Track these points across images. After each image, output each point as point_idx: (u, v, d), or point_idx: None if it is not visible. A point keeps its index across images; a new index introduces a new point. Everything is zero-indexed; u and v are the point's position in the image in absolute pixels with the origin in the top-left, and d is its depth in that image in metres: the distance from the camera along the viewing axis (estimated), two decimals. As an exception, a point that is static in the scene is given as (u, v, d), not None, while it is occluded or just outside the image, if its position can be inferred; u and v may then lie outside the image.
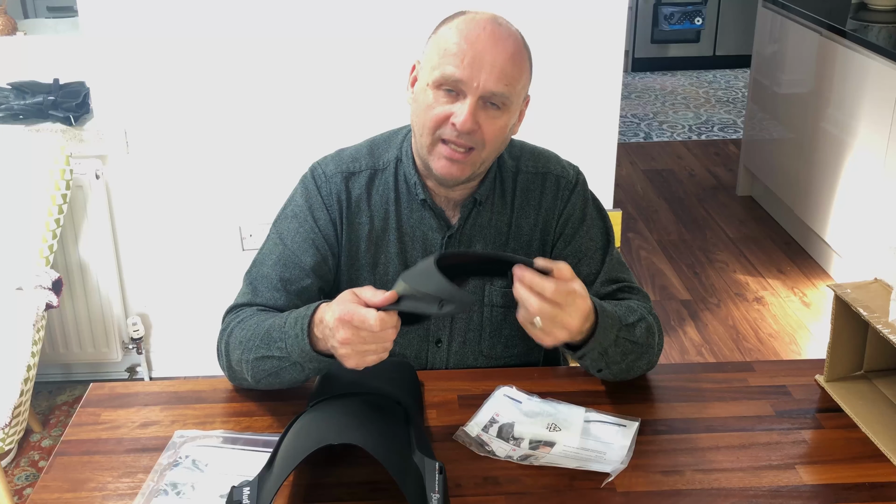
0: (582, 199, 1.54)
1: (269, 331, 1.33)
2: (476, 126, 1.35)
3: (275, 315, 1.38)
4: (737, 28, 6.34)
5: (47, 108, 2.63)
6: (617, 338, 1.36)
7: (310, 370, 1.31)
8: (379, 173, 1.51)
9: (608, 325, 1.32)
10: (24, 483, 2.49)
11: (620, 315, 1.38)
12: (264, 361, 1.34)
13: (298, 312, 1.30)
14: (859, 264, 3.35)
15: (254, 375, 1.38)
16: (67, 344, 2.83)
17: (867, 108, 3.25)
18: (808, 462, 1.31)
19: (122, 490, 1.25)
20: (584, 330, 1.28)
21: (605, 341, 1.33)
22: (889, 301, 1.35)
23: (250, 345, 1.35)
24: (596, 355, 1.36)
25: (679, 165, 4.85)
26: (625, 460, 1.29)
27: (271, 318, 1.36)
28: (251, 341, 1.35)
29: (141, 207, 2.77)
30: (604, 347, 1.34)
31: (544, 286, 1.19)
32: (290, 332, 1.28)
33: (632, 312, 1.43)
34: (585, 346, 1.32)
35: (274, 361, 1.33)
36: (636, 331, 1.41)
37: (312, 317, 1.26)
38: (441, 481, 1.15)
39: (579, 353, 1.34)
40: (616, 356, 1.39)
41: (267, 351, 1.32)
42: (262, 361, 1.34)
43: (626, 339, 1.38)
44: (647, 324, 1.44)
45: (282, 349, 1.30)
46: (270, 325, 1.34)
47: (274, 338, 1.31)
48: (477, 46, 1.34)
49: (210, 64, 2.61)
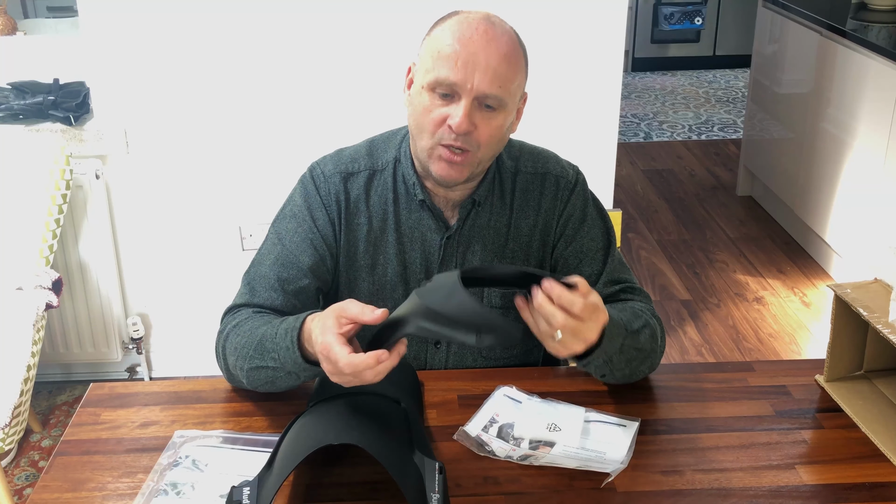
0: (582, 200, 1.54)
1: (262, 341, 1.32)
2: (472, 127, 1.35)
3: (268, 321, 1.37)
4: (737, 28, 6.34)
5: (47, 108, 2.63)
6: (622, 345, 1.36)
7: (305, 377, 1.32)
8: (378, 174, 1.51)
9: (614, 334, 1.32)
10: (24, 483, 2.49)
11: (626, 322, 1.38)
12: (259, 371, 1.34)
13: (288, 323, 1.29)
14: (859, 264, 3.35)
15: (251, 383, 1.39)
16: (67, 344, 2.83)
17: (867, 108, 3.25)
18: (808, 462, 1.31)
19: (122, 490, 1.25)
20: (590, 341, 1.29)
21: (611, 349, 1.33)
22: (889, 301, 1.35)
23: (245, 353, 1.35)
24: (601, 363, 1.35)
25: (679, 165, 4.85)
26: (625, 460, 1.29)
27: (264, 325, 1.36)
28: (245, 349, 1.35)
29: (141, 207, 2.77)
30: (609, 355, 1.34)
31: (574, 301, 1.18)
32: (282, 343, 1.28)
33: (637, 318, 1.43)
34: (591, 355, 1.32)
35: (269, 372, 1.33)
36: (641, 337, 1.41)
37: (301, 328, 1.26)
38: (441, 481, 1.15)
39: (584, 361, 1.34)
40: (620, 363, 1.38)
41: (261, 361, 1.32)
42: (257, 371, 1.35)
43: (631, 347, 1.38)
44: (651, 329, 1.44)
45: (276, 360, 1.30)
46: (263, 335, 1.33)
47: (267, 348, 1.31)
48: (470, 48, 1.33)
49: (210, 64, 2.61)
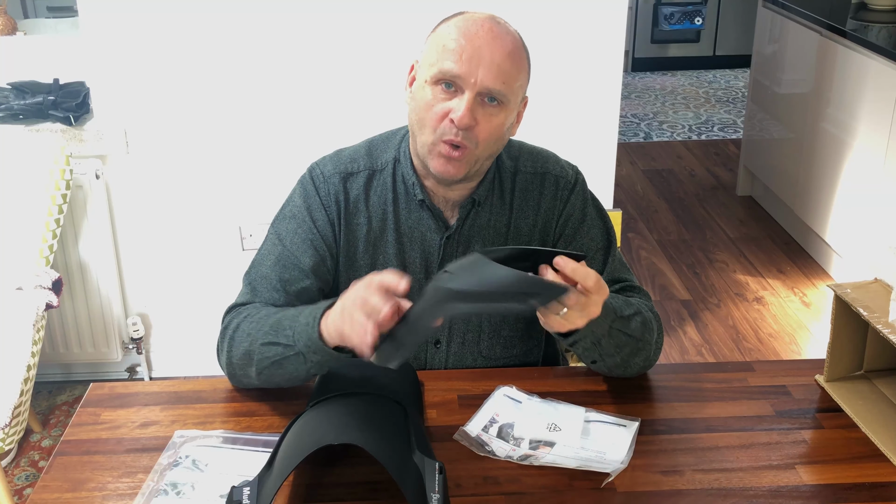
0: (581, 199, 1.54)
1: (281, 320, 1.35)
2: (473, 122, 1.35)
3: (284, 309, 1.40)
4: (737, 28, 6.34)
5: (47, 108, 2.63)
6: (611, 329, 1.36)
7: (312, 364, 1.31)
8: (377, 174, 1.51)
9: (603, 315, 1.31)
10: (24, 483, 2.49)
11: (616, 307, 1.39)
12: (270, 348, 1.35)
13: (315, 306, 1.31)
14: (859, 264, 3.35)
15: (259, 363, 1.38)
16: (67, 344, 2.83)
17: (867, 108, 3.25)
18: (808, 462, 1.31)
19: (122, 490, 1.25)
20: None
21: (599, 331, 1.34)
22: (889, 301, 1.35)
23: (259, 332, 1.37)
24: (588, 344, 1.36)
25: (679, 165, 4.85)
26: (625, 460, 1.29)
27: (286, 309, 1.39)
28: (260, 329, 1.37)
29: (141, 207, 2.77)
30: (597, 337, 1.35)
31: (588, 274, 1.21)
32: (302, 321, 1.30)
33: (629, 306, 1.44)
34: (577, 333, 1.33)
35: (279, 349, 1.34)
36: (631, 324, 1.41)
37: (327, 309, 1.27)
38: (441, 481, 1.15)
39: (570, 339, 1.35)
40: (610, 348, 1.39)
41: (274, 337, 1.34)
42: (267, 347, 1.36)
43: (621, 332, 1.39)
44: (644, 318, 1.44)
45: (289, 337, 1.31)
46: (283, 315, 1.36)
47: (284, 326, 1.34)
48: (475, 43, 1.34)
49: (210, 64, 2.61)
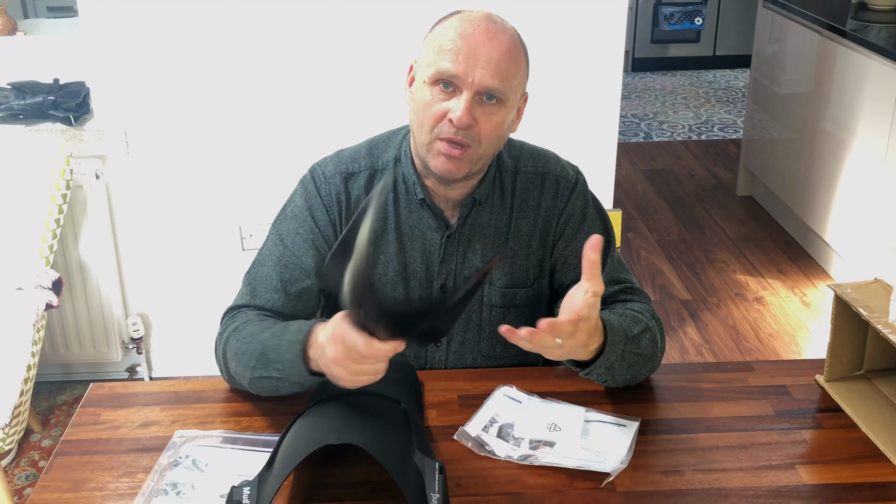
0: (582, 200, 1.54)
1: (265, 351, 1.32)
2: (473, 121, 1.35)
3: (268, 327, 1.36)
4: (737, 28, 6.34)
5: (47, 108, 2.62)
6: (623, 352, 1.37)
7: (309, 385, 1.32)
8: (378, 174, 1.51)
9: (615, 341, 1.33)
10: (24, 483, 2.49)
11: (626, 328, 1.39)
12: (263, 381, 1.34)
13: (293, 334, 1.28)
14: (859, 264, 3.35)
15: (254, 390, 1.38)
16: (67, 344, 2.82)
17: (867, 108, 3.25)
18: (808, 462, 1.31)
19: (122, 490, 1.25)
20: (591, 350, 1.30)
21: (612, 357, 1.34)
22: (889, 301, 1.35)
23: (247, 362, 1.34)
24: (602, 370, 1.36)
25: (679, 165, 4.85)
26: (625, 460, 1.29)
27: (264, 331, 1.35)
28: (247, 357, 1.34)
29: (141, 207, 2.77)
30: (610, 363, 1.35)
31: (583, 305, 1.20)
32: (286, 354, 1.27)
33: (637, 322, 1.43)
34: (593, 364, 1.34)
35: (273, 381, 1.33)
36: (641, 342, 1.41)
37: (307, 340, 1.25)
38: (441, 481, 1.15)
39: (587, 370, 1.36)
40: (622, 369, 1.39)
41: (265, 371, 1.32)
42: (260, 381, 1.34)
43: (632, 353, 1.39)
44: (651, 333, 1.44)
45: (280, 370, 1.30)
46: (266, 345, 1.32)
47: (271, 359, 1.30)
48: (472, 42, 1.34)
49: (210, 64, 2.61)
